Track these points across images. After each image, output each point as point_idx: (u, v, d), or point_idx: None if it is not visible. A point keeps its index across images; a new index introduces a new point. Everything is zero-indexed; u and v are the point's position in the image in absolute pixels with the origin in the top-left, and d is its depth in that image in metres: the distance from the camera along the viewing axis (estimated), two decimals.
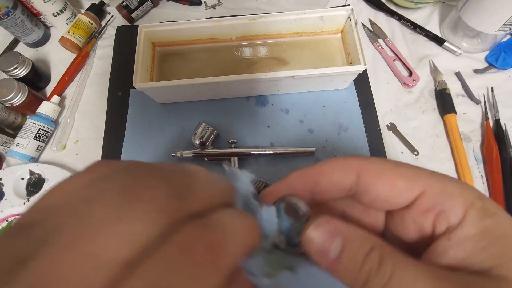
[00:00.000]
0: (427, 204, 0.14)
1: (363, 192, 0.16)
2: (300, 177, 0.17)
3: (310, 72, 0.45)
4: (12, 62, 0.51)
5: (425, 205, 0.14)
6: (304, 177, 0.17)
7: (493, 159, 0.46)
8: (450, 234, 0.14)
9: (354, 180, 0.16)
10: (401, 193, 0.15)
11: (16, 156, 0.48)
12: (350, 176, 0.16)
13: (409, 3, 0.59)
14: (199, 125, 0.48)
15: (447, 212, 0.14)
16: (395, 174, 0.15)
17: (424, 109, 0.53)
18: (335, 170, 0.16)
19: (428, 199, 0.14)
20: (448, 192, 0.14)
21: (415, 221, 0.15)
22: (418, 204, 0.15)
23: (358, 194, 0.16)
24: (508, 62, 0.52)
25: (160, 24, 0.51)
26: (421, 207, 0.14)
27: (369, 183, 0.15)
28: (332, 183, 0.16)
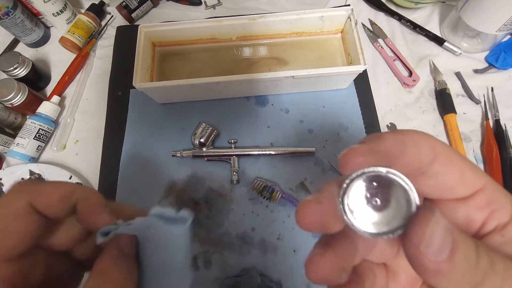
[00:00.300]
0: (484, 200, 0.15)
1: (433, 175, 0.15)
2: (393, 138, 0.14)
3: (310, 72, 0.45)
4: (12, 62, 0.51)
5: (483, 200, 0.15)
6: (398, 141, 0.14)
7: (493, 159, 0.46)
8: (503, 230, 0.14)
9: (431, 159, 0.15)
10: (467, 184, 0.15)
11: (16, 156, 0.48)
12: (432, 155, 0.15)
13: (409, 3, 0.59)
14: (199, 125, 0.48)
15: (500, 210, 0.14)
16: (465, 165, 0.15)
17: (424, 109, 0.53)
18: (422, 145, 0.15)
19: (486, 195, 0.14)
20: (499, 190, 0.15)
21: (467, 215, 0.15)
22: (476, 199, 0.15)
23: (425, 175, 0.15)
24: (508, 62, 0.52)
25: (160, 24, 0.51)
26: (479, 202, 0.15)
27: (443, 166, 0.15)
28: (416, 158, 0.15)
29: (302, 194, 0.47)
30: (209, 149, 0.48)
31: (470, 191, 0.15)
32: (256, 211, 0.46)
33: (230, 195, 0.47)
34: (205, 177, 0.48)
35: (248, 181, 0.48)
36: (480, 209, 0.15)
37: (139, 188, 0.48)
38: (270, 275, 0.43)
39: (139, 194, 0.48)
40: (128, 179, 0.49)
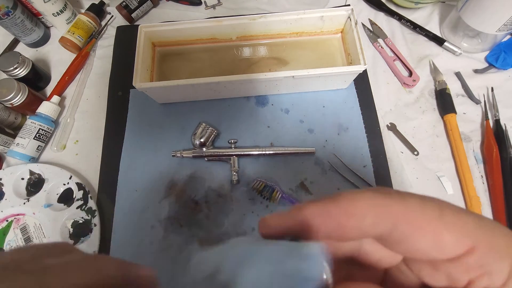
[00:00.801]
0: (474, 263, 0.13)
1: (397, 242, 0.13)
2: (319, 214, 0.13)
3: (310, 72, 0.45)
4: (12, 62, 0.51)
5: (472, 263, 0.13)
6: (325, 216, 0.13)
7: (493, 159, 0.46)
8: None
9: (389, 228, 0.13)
10: (446, 248, 0.13)
11: (16, 156, 0.48)
12: (385, 224, 0.13)
13: (409, 3, 0.59)
14: (199, 125, 0.48)
15: (493, 273, 0.12)
16: (441, 226, 0.13)
17: (424, 109, 0.53)
18: (367, 214, 0.13)
19: (476, 258, 0.12)
20: (496, 250, 0.13)
21: (449, 274, 0.13)
22: (463, 261, 0.13)
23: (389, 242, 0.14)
24: (508, 62, 0.52)
25: (160, 24, 0.51)
26: (466, 265, 0.13)
27: (409, 234, 0.13)
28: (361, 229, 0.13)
29: (302, 194, 0.47)
30: (209, 149, 0.48)
31: (452, 254, 0.13)
32: (256, 211, 0.46)
33: (230, 195, 0.47)
34: (205, 177, 0.48)
35: (248, 181, 0.48)
36: (466, 272, 0.13)
37: (139, 188, 0.48)
38: None
39: (139, 194, 0.48)
40: (128, 179, 0.49)
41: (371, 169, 0.48)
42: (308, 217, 0.14)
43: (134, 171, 0.49)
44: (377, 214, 0.13)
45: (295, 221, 0.14)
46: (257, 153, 0.48)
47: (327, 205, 0.13)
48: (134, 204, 0.47)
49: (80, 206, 0.46)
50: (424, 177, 0.48)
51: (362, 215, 0.13)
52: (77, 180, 0.48)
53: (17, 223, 0.46)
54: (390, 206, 0.13)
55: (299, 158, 0.49)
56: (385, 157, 0.49)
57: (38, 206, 0.46)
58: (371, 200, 0.13)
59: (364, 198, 0.13)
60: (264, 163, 0.49)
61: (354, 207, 0.13)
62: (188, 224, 0.46)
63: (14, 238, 0.46)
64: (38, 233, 0.46)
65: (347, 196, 0.13)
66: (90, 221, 0.45)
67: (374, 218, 0.13)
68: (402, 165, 0.48)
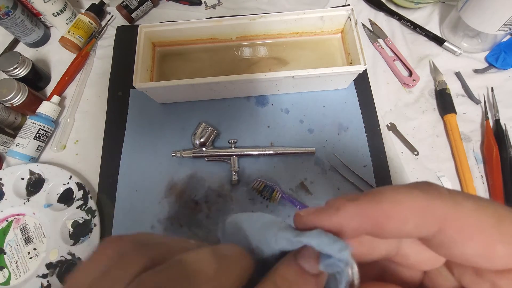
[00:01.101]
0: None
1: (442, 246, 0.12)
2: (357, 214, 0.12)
3: (310, 72, 0.45)
4: (12, 62, 0.51)
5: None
6: (363, 215, 0.12)
7: (493, 159, 0.46)
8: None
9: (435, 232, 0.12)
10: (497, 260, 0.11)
11: (16, 156, 0.48)
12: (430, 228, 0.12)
13: (409, 3, 0.59)
14: (199, 125, 0.48)
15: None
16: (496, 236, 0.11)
17: (424, 109, 0.53)
18: (410, 217, 0.12)
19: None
20: None
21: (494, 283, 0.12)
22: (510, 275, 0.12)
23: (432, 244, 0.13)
24: (508, 62, 0.52)
25: (160, 24, 0.51)
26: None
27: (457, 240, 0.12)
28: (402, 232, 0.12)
29: (302, 194, 0.47)
30: (209, 149, 0.48)
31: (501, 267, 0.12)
32: (256, 211, 0.46)
33: (230, 195, 0.47)
34: (205, 177, 0.48)
35: (248, 181, 0.48)
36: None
37: (139, 188, 0.48)
38: None
39: (139, 194, 0.48)
40: (128, 179, 0.49)
41: (371, 169, 0.48)
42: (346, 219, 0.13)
43: (134, 171, 0.49)
44: (422, 218, 0.12)
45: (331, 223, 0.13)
46: (257, 153, 0.48)
47: (367, 207, 0.12)
48: (134, 204, 0.47)
49: (80, 206, 0.46)
50: (424, 177, 0.48)
51: (404, 219, 0.12)
52: (77, 180, 0.48)
53: (17, 223, 0.46)
54: (438, 209, 0.12)
55: (299, 158, 0.49)
56: (385, 157, 0.49)
57: (38, 206, 0.46)
58: (416, 203, 0.12)
59: (407, 201, 0.12)
60: (264, 163, 0.49)
61: (395, 211, 0.12)
62: (188, 224, 0.46)
63: (14, 238, 0.46)
64: (38, 233, 0.46)
65: (389, 197, 0.12)
66: (90, 221, 0.45)
67: (418, 222, 0.12)
68: (402, 165, 0.48)
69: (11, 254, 0.45)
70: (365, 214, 0.12)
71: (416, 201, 0.12)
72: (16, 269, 0.44)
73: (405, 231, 0.12)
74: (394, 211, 0.12)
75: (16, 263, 0.44)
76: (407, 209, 0.12)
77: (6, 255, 0.45)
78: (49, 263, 0.44)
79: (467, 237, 0.12)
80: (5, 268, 0.44)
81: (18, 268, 0.44)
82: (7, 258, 0.45)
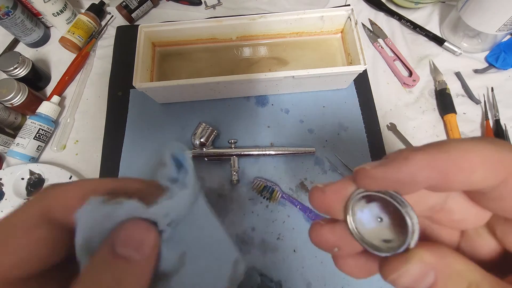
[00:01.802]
0: None
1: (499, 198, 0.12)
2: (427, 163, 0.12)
3: (310, 72, 0.45)
4: (12, 62, 0.51)
5: None
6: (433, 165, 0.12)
7: None
8: None
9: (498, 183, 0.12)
10: None
11: (16, 156, 0.48)
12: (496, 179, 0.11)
13: (409, 3, 0.59)
14: (199, 125, 0.48)
15: None
16: None
17: (424, 109, 0.53)
18: (478, 166, 0.11)
19: None
20: None
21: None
22: None
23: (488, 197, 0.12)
24: (508, 62, 0.52)
25: (160, 24, 0.51)
26: None
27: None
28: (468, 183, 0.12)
29: (302, 194, 0.47)
30: (209, 149, 0.48)
31: None
32: (256, 211, 0.46)
33: (230, 195, 0.47)
34: (205, 177, 0.48)
35: (248, 181, 0.48)
36: None
37: None
38: (270, 275, 0.43)
39: None
40: None
41: None
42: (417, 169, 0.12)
43: (134, 171, 0.49)
44: (490, 168, 0.11)
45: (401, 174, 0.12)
46: (257, 153, 0.48)
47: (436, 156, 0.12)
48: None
49: None
50: None
51: (473, 168, 0.11)
52: None
53: None
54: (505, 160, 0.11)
55: (299, 158, 0.49)
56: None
57: None
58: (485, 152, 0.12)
59: (477, 150, 0.12)
60: (264, 163, 0.49)
61: (465, 159, 0.12)
62: None
63: None
64: None
65: (457, 146, 0.12)
66: None
67: (486, 172, 0.12)
68: None
69: None
70: (435, 163, 0.12)
71: (485, 151, 0.12)
72: None
73: (472, 180, 0.12)
74: (464, 160, 0.12)
75: None
76: (477, 158, 0.12)
77: None
78: None
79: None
80: None
81: None
82: None
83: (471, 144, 0.12)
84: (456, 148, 0.12)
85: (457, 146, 0.12)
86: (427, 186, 0.12)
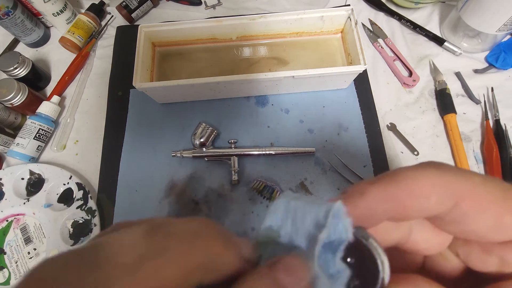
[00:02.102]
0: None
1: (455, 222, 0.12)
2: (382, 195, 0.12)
3: (310, 72, 0.45)
4: (12, 62, 0.51)
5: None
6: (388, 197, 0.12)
7: (493, 159, 0.46)
8: None
9: (451, 207, 0.12)
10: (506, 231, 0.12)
11: (16, 156, 0.48)
12: (448, 203, 0.12)
13: (409, 3, 0.59)
14: (199, 125, 0.48)
15: None
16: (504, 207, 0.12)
17: (424, 109, 0.53)
18: (432, 193, 0.12)
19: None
20: None
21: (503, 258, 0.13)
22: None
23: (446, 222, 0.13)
24: (508, 62, 0.52)
25: (160, 24, 0.51)
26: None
27: (470, 213, 0.12)
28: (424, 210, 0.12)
29: (302, 194, 0.47)
30: (209, 149, 0.48)
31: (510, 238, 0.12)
32: (256, 211, 0.46)
33: (230, 195, 0.47)
34: (205, 177, 0.48)
35: (248, 181, 0.48)
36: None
37: (139, 188, 0.48)
38: None
39: (139, 194, 0.48)
40: (128, 179, 0.49)
41: (371, 169, 0.48)
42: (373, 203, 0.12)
43: (134, 171, 0.49)
44: (441, 193, 0.12)
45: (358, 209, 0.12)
46: (257, 153, 0.48)
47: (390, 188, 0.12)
48: (134, 204, 0.47)
49: (80, 206, 0.46)
50: None
51: (427, 195, 0.12)
52: (77, 180, 0.48)
53: (17, 223, 0.46)
54: (454, 183, 0.12)
55: (299, 158, 0.49)
56: (385, 157, 0.49)
57: (38, 206, 0.46)
58: (435, 178, 0.12)
59: (427, 177, 0.12)
60: (264, 163, 0.49)
61: (417, 187, 0.12)
62: None
63: (14, 238, 0.46)
64: (38, 233, 0.46)
65: (407, 175, 0.12)
66: (90, 221, 0.45)
67: (439, 197, 0.12)
68: (402, 165, 0.48)
69: (11, 254, 0.45)
70: (389, 195, 0.12)
71: (434, 177, 0.12)
72: (16, 269, 0.44)
73: (427, 207, 0.12)
74: (416, 188, 0.12)
75: (16, 263, 0.44)
76: (427, 184, 0.12)
77: (6, 255, 0.45)
78: None
79: (480, 209, 0.12)
80: (5, 268, 0.44)
81: (18, 268, 0.44)
82: (7, 258, 0.45)
83: (418, 171, 0.12)
84: (406, 177, 0.12)
85: (407, 175, 0.12)
86: (386, 218, 0.12)
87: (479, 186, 0.12)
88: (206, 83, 0.46)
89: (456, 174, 0.12)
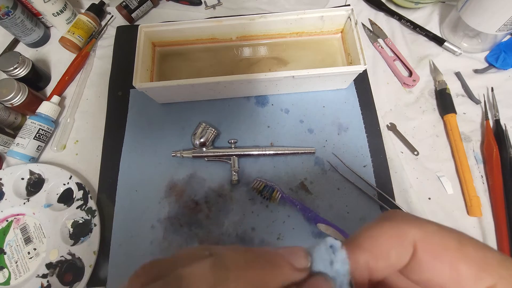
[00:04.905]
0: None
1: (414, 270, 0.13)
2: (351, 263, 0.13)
3: (310, 72, 0.45)
4: (12, 62, 0.51)
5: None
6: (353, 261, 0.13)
7: (493, 159, 0.46)
8: None
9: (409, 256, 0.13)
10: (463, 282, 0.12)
11: (16, 156, 0.48)
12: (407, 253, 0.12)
13: (409, 3, 0.59)
14: (199, 125, 0.48)
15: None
16: (459, 257, 0.12)
17: (424, 109, 0.53)
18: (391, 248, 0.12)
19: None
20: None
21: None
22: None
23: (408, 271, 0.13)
24: (508, 62, 0.52)
25: (160, 24, 0.51)
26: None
27: (426, 262, 0.12)
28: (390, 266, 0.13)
29: (302, 194, 0.47)
30: (209, 149, 0.48)
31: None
32: (256, 211, 0.46)
33: (230, 195, 0.47)
34: (205, 177, 0.48)
35: (248, 181, 0.48)
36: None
37: (139, 188, 0.48)
38: None
39: (139, 194, 0.48)
40: (128, 179, 0.49)
41: (371, 169, 0.48)
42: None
43: (134, 171, 0.49)
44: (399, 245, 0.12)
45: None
46: (257, 153, 0.48)
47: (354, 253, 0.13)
48: (134, 204, 0.47)
49: (80, 206, 0.46)
50: (424, 177, 0.48)
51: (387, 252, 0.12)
52: (77, 180, 0.48)
53: (17, 223, 0.46)
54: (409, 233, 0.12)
55: (299, 158, 0.49)
56: (385, 157, 0.49)
57: (38, 206, 0.46)
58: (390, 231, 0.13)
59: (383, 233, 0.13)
60: (264, 163, 0.49)
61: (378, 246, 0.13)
62: (188, 224, 0.46)
63: (14, 238, 0.46)
64: (38, 233, 0.46)
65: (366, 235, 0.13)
66: (90, 221, 0.45)
67: (398, 251, 0.12)
68: (402, 165, 0.48)
69: (11, 254, 0.45)
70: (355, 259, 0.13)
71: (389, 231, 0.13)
72: (16, 269, 0.44)
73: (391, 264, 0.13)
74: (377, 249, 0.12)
75: (16, 263, 0.44)
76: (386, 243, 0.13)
77: (6, 255, 0.45)
78: (49, 263, 0.44)
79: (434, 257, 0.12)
80: (5, 268, 0.44)
81: (18, 268, 0.44)
82: (7, 258, 0.45)
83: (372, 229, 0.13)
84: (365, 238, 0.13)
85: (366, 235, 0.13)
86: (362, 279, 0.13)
87: (433, 234, 0.12)
88: (206, 83, 0.46)
89: (410, 223, 0.13)
